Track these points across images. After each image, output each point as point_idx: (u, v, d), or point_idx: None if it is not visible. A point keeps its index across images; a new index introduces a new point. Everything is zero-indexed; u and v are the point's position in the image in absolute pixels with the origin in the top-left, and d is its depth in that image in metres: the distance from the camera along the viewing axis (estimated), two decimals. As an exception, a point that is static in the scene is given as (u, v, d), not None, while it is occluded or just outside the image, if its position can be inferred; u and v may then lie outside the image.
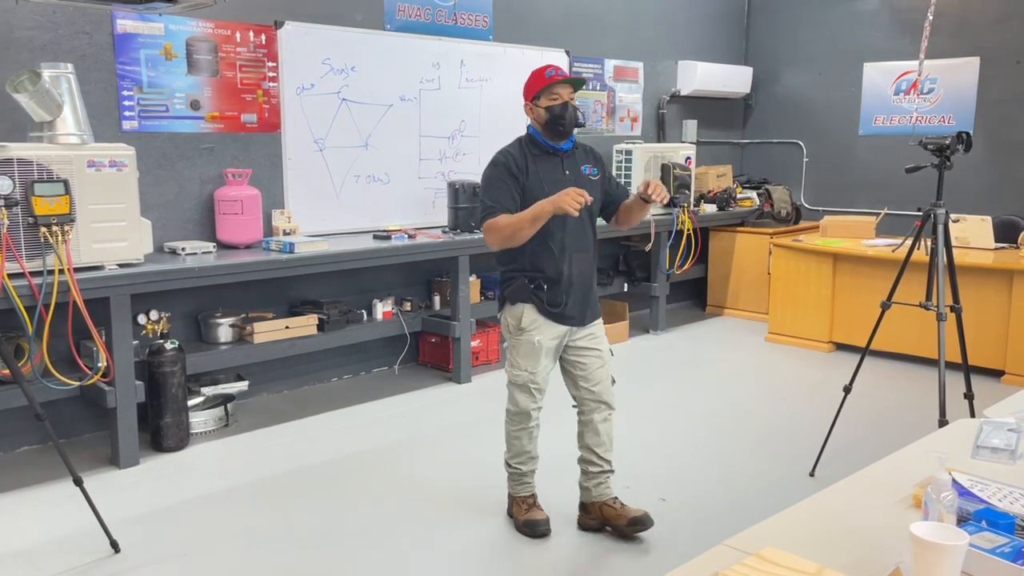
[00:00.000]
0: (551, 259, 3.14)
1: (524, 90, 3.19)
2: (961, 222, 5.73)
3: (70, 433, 4.31)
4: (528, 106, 3.19)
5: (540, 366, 3.18)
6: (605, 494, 3.30)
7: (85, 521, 3.22)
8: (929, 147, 3.56)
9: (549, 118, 3.12)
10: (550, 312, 3.15)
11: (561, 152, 3.21)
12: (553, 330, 3.17)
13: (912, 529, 1.40)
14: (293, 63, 4.93)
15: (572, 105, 3.13)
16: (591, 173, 3.26)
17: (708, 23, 7.73)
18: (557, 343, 3.21)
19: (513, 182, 3.10)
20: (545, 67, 3.16)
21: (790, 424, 4.57)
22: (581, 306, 3.21)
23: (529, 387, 3.21)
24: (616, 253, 6.99)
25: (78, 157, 3.72)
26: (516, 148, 3.19)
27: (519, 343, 3.19)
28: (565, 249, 3.14)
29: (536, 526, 3.26)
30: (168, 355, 4.12)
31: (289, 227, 4.88)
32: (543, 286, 3.15)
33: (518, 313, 3.17)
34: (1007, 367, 5.30)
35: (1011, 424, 2.21)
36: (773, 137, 8.06)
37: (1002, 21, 6.59)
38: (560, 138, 3.18)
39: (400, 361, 5.60)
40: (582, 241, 3.20)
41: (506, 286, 3.22)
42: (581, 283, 3.20)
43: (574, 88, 3.15)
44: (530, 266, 3.15)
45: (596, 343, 3.28)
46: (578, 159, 3.26)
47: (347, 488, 3.75)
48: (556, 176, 3.15)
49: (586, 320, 3.24)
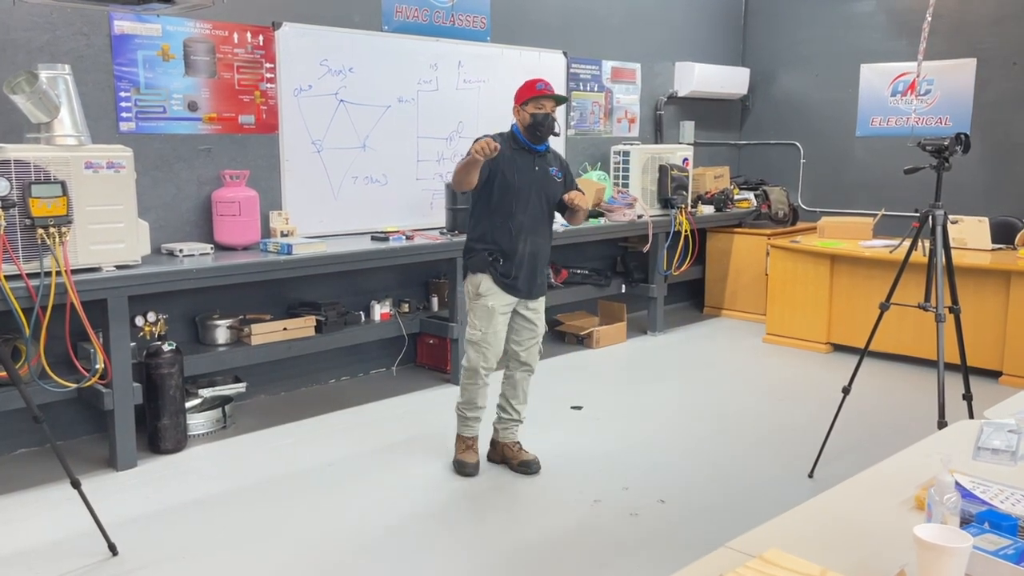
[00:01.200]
0: (509, 237, 3.71)
1: (516, 94, 3.74)
2: (958, 223, 5.74)
3: (67, 435, 4.29)
4: (516, 109, 3.74)
5: (491, 327, 3.76)
6: (509, 438, 4.00)
7: (83, 524, 3.21)
8: (928, 148, 3.56)
9: (532, 123, 3.68)
10: (503, 282, 3.74)
11: (535, 152, 3.76)
12: (504, 298, 3.76)
13: (916, 531, 1.40)
14: (291, 64, 4.92)
15: (552, 117, 3.71)
16: (556, 175, 3.83)
17: (705, 24, 7.74)
18: (508, 310, 3.79)
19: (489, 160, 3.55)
20: (537, 80, 3.73)
21: (788, 425, 4.58)
22: (529, 282, 3.79)
23: (481, 345, 3.77)
24: (614, 254, 6.99)
25: (75, 158, 3.71)
26: (501, 138, 3.70)
27: (476, 307, 3.77)
28: (522, 231, 3.72)
29: (464, 466, 3.89)
30: (166, 357, 4.10)
31: (287, 228, 4.87)
32: (499, 260, 3.72)
33: (477, 281, 3.75)
34: (1004, 368, 5.31)
35: (1011, 425, 2.22)
36: (770, 138, 8.07)
37: (998, 23, 6.60)
38: (537, 141, 3.74)
39: (398, 363, 5.60)
40: (538, 226, 3.78)
41: (468, 257, 3.81)
42: (532, 262, 3.77)
43: (557, 103, 3.71)
44: (491, 241, 3.72)
45: (536, 319, 3.89)
46: (548, 161, 3.82)
47: (345, 490, 3.74)
48: (528, 170, 3.73)
49: (533, 294, 3.84)
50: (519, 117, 3.73)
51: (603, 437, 4.40)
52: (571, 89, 6.60)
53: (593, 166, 6.75)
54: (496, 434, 4.03)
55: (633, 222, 6.25)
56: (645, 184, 6.53)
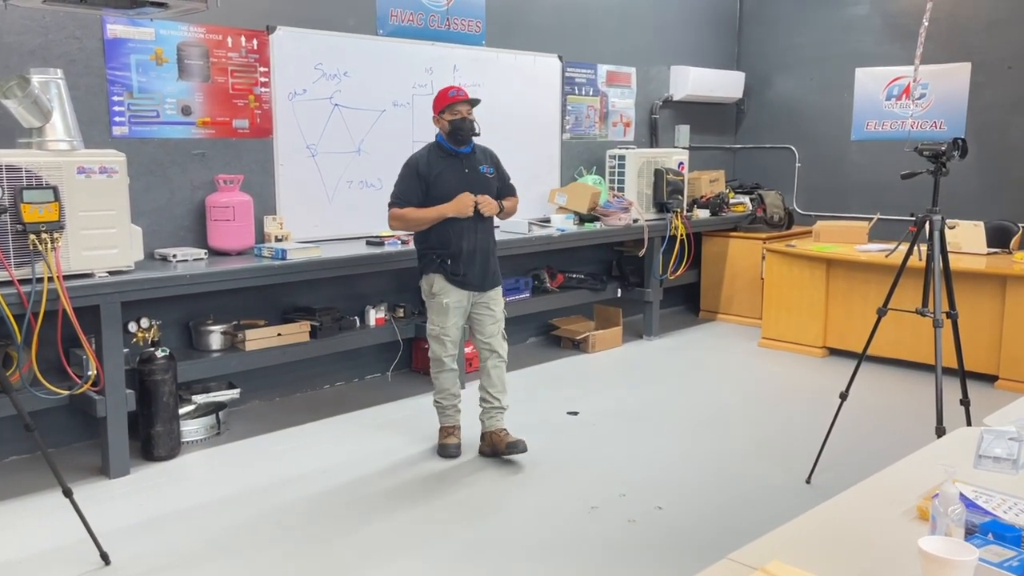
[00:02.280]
0: (453, 239, 3.98)
1: (433, 105, 4.04)
2: (954, 228, 5.74)
3: (60, 442, 4.26)
4: (435, 118, 4.03)
5: (449, 322, 4.07)
6: (494, 425, 4.17)
7: (75, 532, 3.18)
8: (925, 153, 3.56)
9: (452, 129, 3.97)
10: (454, 279, 4.02)
11: (462, 155, 4.04)
12: (457, 294, 4.05)
13: (921, 544, 1.38)
14: (285, 68, 4.90)
15: (469, 120, 3.98)
16: (487, 172, 4.10)
17: (700, 28, 7.74)
18: (463, 304, 4.08)
19: (419, 181, 3.97)
20: (448, 88, 4.03)
21: (785, 430, 4.56)
22: (480, 276, 4.07)
23: (441, 338, 4.09)
24: (609, 259, 6.98)
25: (67, 163, 3.67)
26: (425, 152, 4.05)
27: (432, 304, 4.09)
28: (464, 231, 3.99)
29: (446, 448, 4.17)
30: (159, 363, 4.07)
31: (281, 233, 4.84)
32: (447, 260, 4.00)
33: (431, 281, 4.06)
34: (1001, 372, 5.31)
35: (1012, 433, 2.20)
36: (765, 142, 8.08)
37: (993, 26, 6.62)
38: (460, 144, 4.01)
39: (393, 368, 5.57)
40: (478, 223, 4.03)
41: (421, 259, 4.11)
42: (481, 257, 4.05)
43: (471, 105, 3.99)
44: (437, 244, 4.01)
45: (493, 305, 4.15)
46: (477, 160, 4.08)
47: (341, 496, 3.71)
48: (458, 173, 4.01)
49: (486, 287, 4.11)
50: (439, 126, 4.02)
51: (600, 443, 4.38)
52: (566, 93, 6.59)
53: (588, 170, 6.74)
54: (483, 425, 4.21)
55: (629, 226, 6.24)
56: (641, 188, 6.52)
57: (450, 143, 4.01)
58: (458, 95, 3.96)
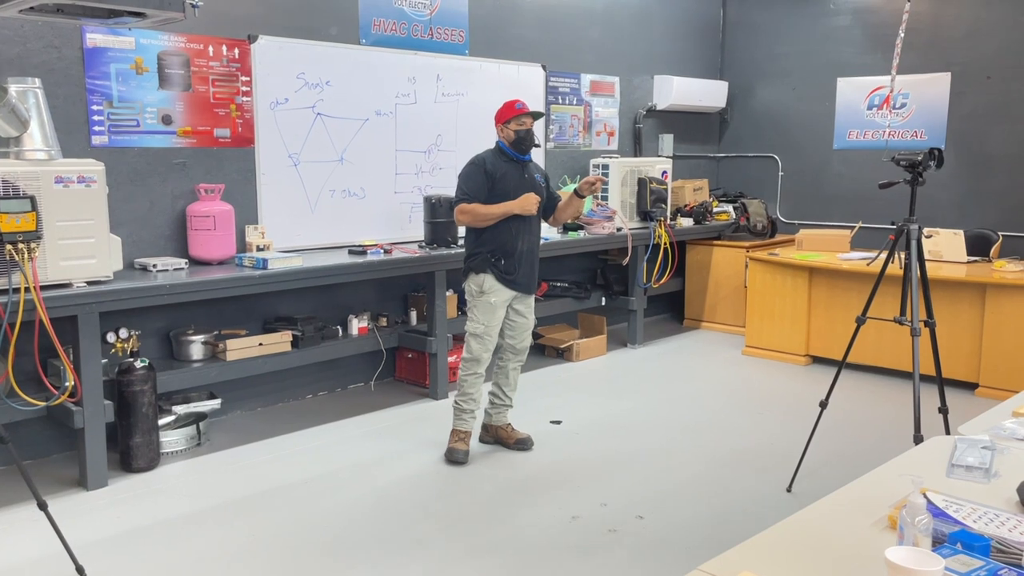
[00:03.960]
0: (509, 238, 4.18)
1: (497, 115, 4.27)
2: (934, 236, 5.78)
3: (36, 454, 4.22)
4: (500, 127, 4.27)
5: (493, 320, 4.22)
6: (502, 421, 4.45)
7: (50, 546, 3.14)
8: (901, 163, 3.58)
9: (516, 139, 4.22)
10: (505, 279, 4.20)
11: (522, 162, 4.29)
12: (505, 293, 4.22)
13: (887, 554, 1.38)
14: (267, 77, 4.89)
15: (532, 132, 4.27)
16: (540, 180, 4.36)
17: (684, 38, 7.78)
18: (507, 305, 4.25)
19: (486, 178, 4.17)
20: (515, 100, 4.27)
21: (767, 438, 4.57)
22: (528, 277, 4.30)
23: (484, 337, 4.21)
24: (594, 267, 6.99)
25: (45, 173, 3.66)
26: (490, 155, 4.28)
27: (480, 303, 4.21)
28: (520, 233, 4.21)
29: (455, 453, 4.22)
30: (138, 374, 4.04)
31: (263, 243, 4.83)
32: (501, 259, 4.18)
33: (480, 280, 4.20)
34: (980, 380, 5.34)
35: (985, 442, 2.22)
36: (749, 151, 8.12)
37: (972, 36, 6.68)
38: (524, 152, 4.26)
39: (376, 377, 5.55)
40: (532, 227, 4.28)
41: (472, 259, 4.24)
42: (529, 259, 4.28)
43: (535, 118, 4.26)
44: (492, 244, 4.17)
45: (529, 313, 4.38)
46: (532, 169, 4.35)
47: (322, 507, 3.69)
48: (519, 178, 4.25)
49: (532, 289, 4.36)
50: (503, 134, 4.25)
51: (582, 452, 4.38)
52: (550, 102, 6.60)
53: (572, 179, 6.75)
54: (488, 418, 4.45)
55: (613, 235, 6.25)
56: (624, 197, 6.54)
57: (513, 150, 4.23)
58: (524, 107, 4.21)
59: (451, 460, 4.20)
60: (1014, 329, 5.19)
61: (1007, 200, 6.59)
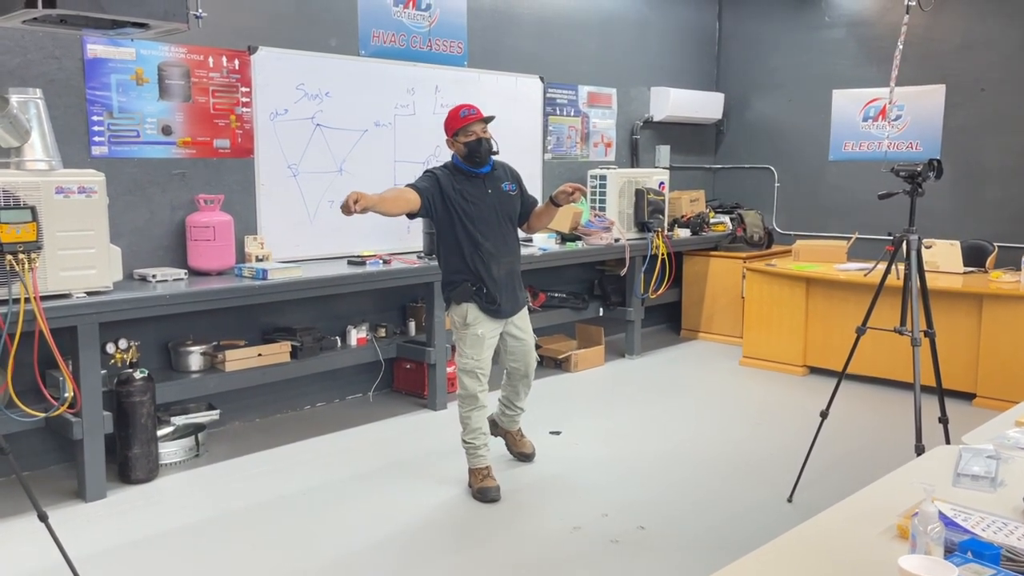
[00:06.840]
0: (483, 264, 3.81)
1: (444, 127, 3.82)
2: (931, 247, 5.81)
3: (35, 465, 4.19)
4: (449, 141, 3.83)
5: (484, 354, 3.87)
6: (511, 426, 4.31)
7: (50, 557, 3.12)
8: (901, 174, 3.60)
9: (468, 152, 3.77)
10: (488, 309, 3.84)
11: (482, 174, 3.85)
12: (492, 324, 3.87)
13: (901, 563, 1.39)
14: (267, 88, 4.90)
15: (485, 139, 3.77)
16: (510, 189, 3.93)
17: (680, 50, 7.82)
18: (497, 334, 3.92)
19: (438, 187, 3.75)
20: (459, 107, 3.81)
21: (767, 449, 4.57)
22: (511, 301, 3.92)
23: (476, 372, 3.86)
24: (591, 278, 6.99)
25: (46, 183, 3.65)
26: (444, 171, 3.83)
27: (466, 336, 3.86)
28: (494, 255, 3.82)
29: (487, 492, 3.84)
30: (137, 385, 4.03)
31: (262, 253, 4.82)
32: (482, 288, 3.81)
33: (463, 312, 3.85)
34: (978, 390, 5.36)
35: (989, 451, 2.22)
36: (745, 162, 8.15)
37: (966, 48, 6.74)
38: (479, 165, 3.81)
39: (375, 388, 5.54)
40: (507, 246, 3.90)
41: (450, 289, 3.89)
42: (509, 282, 3.89)
43: (486, 123, 3.78)
44: (468, 271, 3.81)
45: (526, 331, 4.04)
46: (498, 177, 3.90)
47: (321, 519, 3.67)
48: (480, 194, 3.82)
49: (519, 308, 3.98)
50: (455, 149, 3.83)
51: (582, 462, 4.37)
52: (548, 114, 6.63)
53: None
54: (499, 419, 4.30)
55: (610, 245, 6.26)
56: (622, 208, 6.56)
57: (468, 164, 3.81)
58: (470, 115, 3.74)
59: (485, 499, 3.82)
60: (1011, 339, 5.21)
61: (1002, 211, 6.64)
